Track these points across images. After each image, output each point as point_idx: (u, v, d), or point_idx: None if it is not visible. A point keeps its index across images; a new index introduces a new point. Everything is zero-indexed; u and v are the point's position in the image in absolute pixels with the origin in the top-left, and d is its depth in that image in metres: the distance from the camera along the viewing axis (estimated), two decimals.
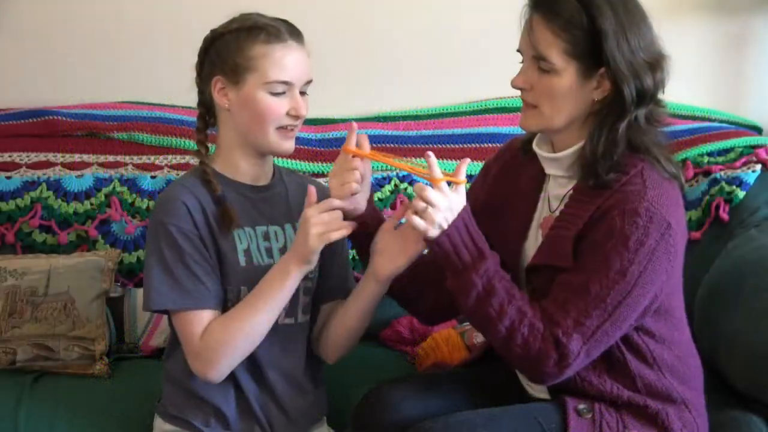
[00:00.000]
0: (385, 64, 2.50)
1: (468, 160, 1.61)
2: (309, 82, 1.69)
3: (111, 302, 2.17)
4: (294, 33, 1.67)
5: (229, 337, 1.62)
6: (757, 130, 2.51)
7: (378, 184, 2.30)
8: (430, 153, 1.55)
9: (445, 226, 1.53)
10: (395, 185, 2.31)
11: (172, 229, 1.64)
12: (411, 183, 2.31)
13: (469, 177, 2.30)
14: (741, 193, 2.20)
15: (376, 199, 1.93)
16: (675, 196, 1.60)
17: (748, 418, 1.81)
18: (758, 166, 2.25)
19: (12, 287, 2.11)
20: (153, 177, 2.30)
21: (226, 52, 1.65)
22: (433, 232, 1.53)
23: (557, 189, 1.68)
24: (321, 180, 2.13)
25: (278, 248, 1.73)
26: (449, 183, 1.55)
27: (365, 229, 1.68)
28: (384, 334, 2.26)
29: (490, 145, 2.37)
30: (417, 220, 1.52)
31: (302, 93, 1.68)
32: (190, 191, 1.67)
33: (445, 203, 1.53)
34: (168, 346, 1.80)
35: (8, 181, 2.26)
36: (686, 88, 2.53)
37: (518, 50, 1.63)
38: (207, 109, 1.73)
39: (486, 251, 1.57)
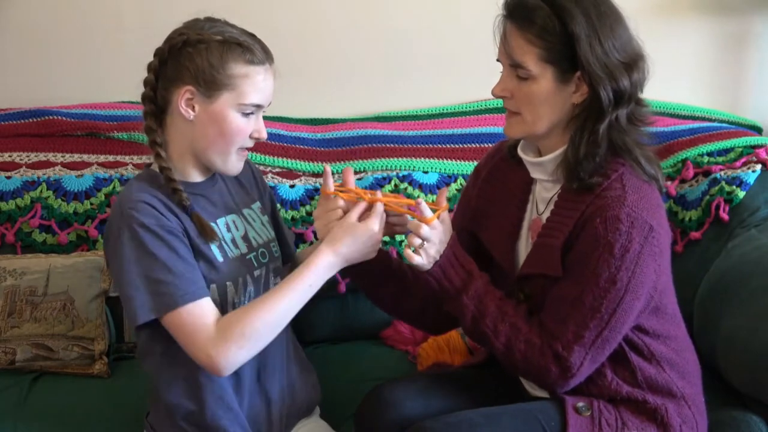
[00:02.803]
0: (385, 64, 2.50)
1: (446, 188, 1.66)
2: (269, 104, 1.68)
3: (110, 302, 2.17)
4: (269, 54, 1.65)
5: (251, 318, 1.54)
6: (757, 130, 2.51)
7: (378, 184, 2.29)
8: (420, 200, 1.60)
9: (438, 258, 1.59)
10: (395, 185, 2.30)
11: (152, 227, 1.56)
12: (411, 183, 2.31)
13: (464, 177, 2.33)
14: (741, 193, 2.20)
15: None
16: (655, 198, 1.62)
17: (747, 418, 1.81)
18: (758, 166, 2.24)
19: (11, 287, 2.11)
20: None
21: (205, 64, 1.59)
22: (429, 266, 1.59)
23: (543, 192, 1.71)
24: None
25: (240, 236, 1.71)
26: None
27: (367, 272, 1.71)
28: (385, 333, 2.26)
29: (489, 145, 2.36)
30: (417, 259, 1.58)
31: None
32: (150, 203, 1.59)
33: (437, 237, 1.59)
34: (147, 361, 1.69)
35: (8, 181, 2.25)
36: (686, 88, 2.54)
37: (498, 60, 1.65)
38: (158, 110, 1.66)
39: (474, 272, 1.63)
